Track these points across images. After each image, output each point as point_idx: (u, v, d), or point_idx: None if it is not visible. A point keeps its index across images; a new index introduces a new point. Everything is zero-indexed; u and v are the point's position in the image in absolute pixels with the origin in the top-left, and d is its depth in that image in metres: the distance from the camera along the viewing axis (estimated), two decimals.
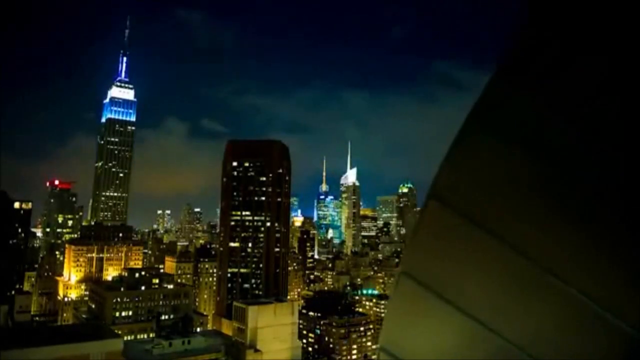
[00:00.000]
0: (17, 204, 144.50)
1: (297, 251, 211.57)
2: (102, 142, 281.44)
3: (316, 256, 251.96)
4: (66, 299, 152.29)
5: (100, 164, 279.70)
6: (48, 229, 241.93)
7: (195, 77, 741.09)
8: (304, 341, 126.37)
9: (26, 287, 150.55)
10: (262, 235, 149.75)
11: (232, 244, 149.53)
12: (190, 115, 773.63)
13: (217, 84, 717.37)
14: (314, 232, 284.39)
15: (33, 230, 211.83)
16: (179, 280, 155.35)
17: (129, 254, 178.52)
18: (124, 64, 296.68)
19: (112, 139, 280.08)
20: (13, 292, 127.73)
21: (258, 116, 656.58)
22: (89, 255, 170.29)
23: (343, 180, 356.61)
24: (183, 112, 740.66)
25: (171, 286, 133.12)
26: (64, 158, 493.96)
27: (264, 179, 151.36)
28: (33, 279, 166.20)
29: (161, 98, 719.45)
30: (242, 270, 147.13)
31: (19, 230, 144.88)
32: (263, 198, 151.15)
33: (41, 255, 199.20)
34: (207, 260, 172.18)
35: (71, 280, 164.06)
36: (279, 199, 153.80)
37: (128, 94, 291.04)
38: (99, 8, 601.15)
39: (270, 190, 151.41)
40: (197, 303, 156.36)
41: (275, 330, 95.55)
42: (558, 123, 2.06)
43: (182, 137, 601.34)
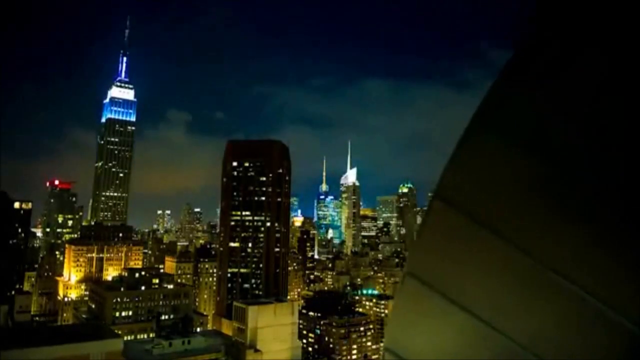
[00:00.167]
0: (17, 204, 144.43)
1: (297, 251, 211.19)
2: (102, 142, 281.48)
3: (316, 256, 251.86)
4: (66, 299, 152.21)
5: (100, 164, 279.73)
6: (48, 229, 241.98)
7: (195, 77, 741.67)
8: (304, 341, 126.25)
9: (26, 287, 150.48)
10: (262, 235, 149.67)
11: (232, 244, 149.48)
12: (190, 115, 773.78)
13: (217, 84, 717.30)
14: (314, 232, 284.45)
15: (33, 230, 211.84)
16: (179, 280, 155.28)
17: (129, 254, 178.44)
18: (124, 64, 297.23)
19: (112, 139, 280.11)
20: (13, 292, 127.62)
21: (258, 116, 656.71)
22: (89, 255, 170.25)
23: (343, 180, 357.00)
24: (183, 112, 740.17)
25: (171, 286, 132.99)
26: (64, 158, 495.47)
27: (264, 179, 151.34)
28: (33, 279, 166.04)
29: (161, 98, 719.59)
30: (242, 270, 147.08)
31: (19, 230, 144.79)
32: (263, 198, 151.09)
33: (41, 255, 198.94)
34: (207, 260, 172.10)
35: (71, 280, 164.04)
36: (279, 199, 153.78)
37: (128, 94, 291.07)
38: (99, 8, 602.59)
39: (270, 190, 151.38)
40: (197, 303, 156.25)
41: (275, 330, 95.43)
42: (558, 123, 2.08)
43: (182, 137, 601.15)
